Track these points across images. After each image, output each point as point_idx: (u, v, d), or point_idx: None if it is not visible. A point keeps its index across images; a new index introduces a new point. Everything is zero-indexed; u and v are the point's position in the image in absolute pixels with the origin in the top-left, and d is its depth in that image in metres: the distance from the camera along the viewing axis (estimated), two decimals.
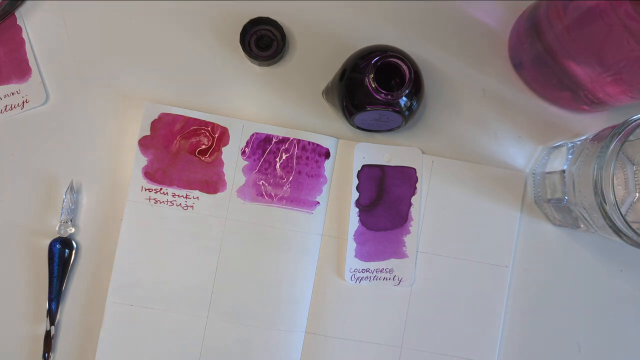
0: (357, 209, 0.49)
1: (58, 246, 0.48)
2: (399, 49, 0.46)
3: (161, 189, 0.49)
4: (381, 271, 0.49)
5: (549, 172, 0.47)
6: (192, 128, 0.49)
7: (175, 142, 0.49)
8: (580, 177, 0.40)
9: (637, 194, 0.45)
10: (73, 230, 0.48)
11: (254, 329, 0.48)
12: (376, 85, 0.41)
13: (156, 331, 0.48)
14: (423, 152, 0.50)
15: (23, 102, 0.49)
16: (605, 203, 0.38)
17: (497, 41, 0.51)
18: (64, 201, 0.48)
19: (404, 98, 0.43)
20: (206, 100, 0.50)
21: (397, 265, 0.49)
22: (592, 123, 0.50)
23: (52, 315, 0.48)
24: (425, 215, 0.49)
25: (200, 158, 0.49)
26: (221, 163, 0.49)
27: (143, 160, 0.49)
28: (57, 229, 0.48)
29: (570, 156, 0.44)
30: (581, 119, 0.50)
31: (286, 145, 0.49)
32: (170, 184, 0.49)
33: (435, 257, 0.49)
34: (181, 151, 0.49)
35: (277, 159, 0.49)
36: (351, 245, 0.49)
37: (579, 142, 0.44)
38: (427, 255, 0.49)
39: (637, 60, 0.38)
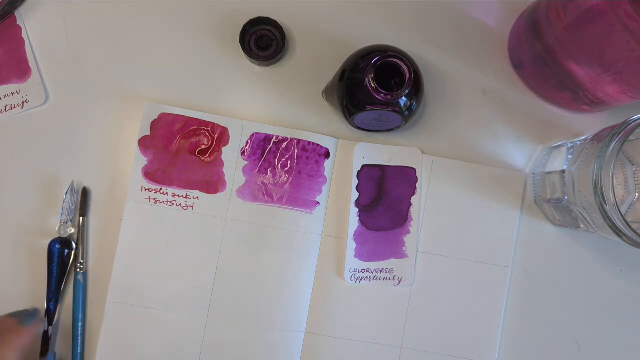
0: (357, 209, 0.49)
1: (58, 246, 0.48)
2: (399, 49, 0.46)
3: (161, 189, 0.49)
4: (381, 271, 0.49)
5: (549, 172, 0.47)
6: (192, 128, 0.49)
7: (175, 142, 0.49)
8: (580, 177, 0.40)
9: (637, 194, 0.45)
10: (73, 230, 0.48)
11: (254, 329, 0.48)
12: (376, 85, 0.41)
13: (156, 331, 0.48)
14: (423, 152, 0.50)
15: (23, 102, 0.49)
16: (605, 203, 0.38)
17: (497, 41, 0.51)
18: (64, 202, 0.48)
19: (403, 98, 0.43)
20: (206, 100, 0.50)
21: (397, 265, 0.49)
22: (592, 123, 0.50)
23: (50, 315, 0.48)
24: (425, 215, 0.49)
25: (200, 158, 0.49)
26: (221, 163, 0.49)
27: (143, 160, 0.49)
28: (57, 229, 0.48)
29: (570, 156, 0.44)
30: (581, 119, 0.50)
31: (286, 145, 0.49)
32: (170, 184, 0.49)
33: (435, 257, 0.49)
34: (181, 151, 0.49)
35: (277, 159, 0.49)
36: (351, 245, 0.49)
37: (579, 142, 0.44)
38: (427, 255, 0.49)
39: (637, 60, 0.38)
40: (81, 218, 0.49)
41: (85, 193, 0.49)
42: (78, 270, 0.48)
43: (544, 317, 0.49)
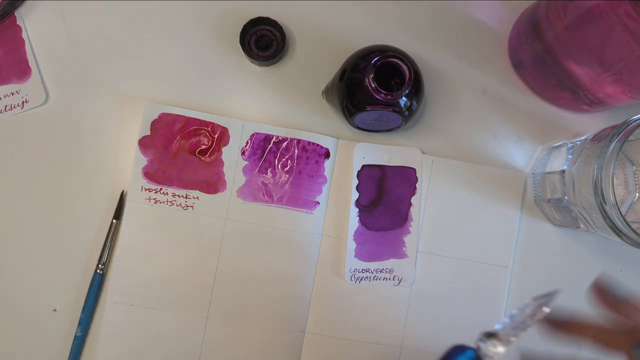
0: (357, 209, 0.49)
1: None
2: (399, 49, 0.46)
3: (161, 189, 0.49)
4: (381, 271, 0.49)
5: (549, 172, 0.47)
6: (192, 128, 0.49)
7: (175, 142, 0.49)
8: (580, 177, 0.40)
9: (637, 194, 0.45)
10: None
11: (254, 329, 0.48)
12: (376, 85, 0.41)
13: (156, 331, 0.48)
14: (423, 152, 0.50)
15: (23, 102, 0.49)
16: (605, 203, 0.38)
17: (497, 41, 0.51)
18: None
19: (403, 98, 0.43)
20: (206, 100, 0.50)
21: (397, 265, 0.49)
22: (592, 123, 0.50)
23: None
24: (425, 215, 0.49)
25: (200, 158, 0.49)
26: (221, 163, 0.49)
27: (143, 160, 0.49)
28: None
29: (570, 156, 0.44)
30: (581, 119, 0.50)
31: (286, 145, 0.49)
32: (170, 184, 0.49)
33: (435, 257, 0.49)
34: (181, 151, 0.49)
35: (277, 159, 0.49)
36: (351, 245, 0.49)
37: (579, 142, 0.44)
38: (427, 255, 0.49)
39: (637, 60, 0.38)
40: (114, 221, 0.48)
41: (122, 196, 0.49)
42: (98, 271, 0.48)
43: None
